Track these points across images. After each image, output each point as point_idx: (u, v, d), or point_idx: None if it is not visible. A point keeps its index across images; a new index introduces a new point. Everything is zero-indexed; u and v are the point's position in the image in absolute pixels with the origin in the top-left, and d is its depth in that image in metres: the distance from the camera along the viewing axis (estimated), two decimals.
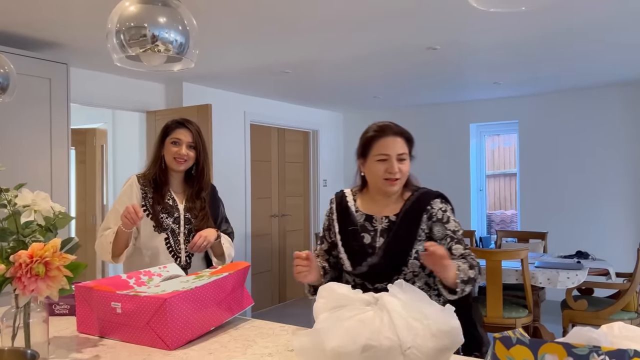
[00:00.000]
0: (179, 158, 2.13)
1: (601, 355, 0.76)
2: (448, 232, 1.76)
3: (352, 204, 1.87)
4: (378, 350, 1.16)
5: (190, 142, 2.15)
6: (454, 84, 5.04)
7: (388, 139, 1.77)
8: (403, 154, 1.76)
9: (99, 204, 5.63)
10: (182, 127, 2.16)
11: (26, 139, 3.18)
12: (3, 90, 1.58)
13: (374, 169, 1.78)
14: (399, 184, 1.78)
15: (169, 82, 4.77)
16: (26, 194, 1.32)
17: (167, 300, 1.40)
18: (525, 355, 0.80)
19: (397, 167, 1.74)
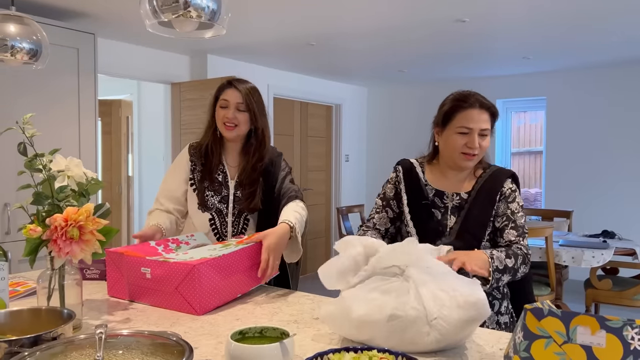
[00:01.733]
0: (228, 123, 1.86)
1: (635, 328, 0.75)
2: (508, 211, 1.67)
3: (421, 175, 1.76)
4: (404, 320, 1.16)
5: (240, 103, 1.87)
6: (481, 59, 4.93)
7: (473, 111, 1.63)
8: (486, 129, 1.64)
9: (124, 174, 5.72)
10: (229, 87, 1.91)
11: (55, 108, 3.22)
12: (35, 58, 1.59)
13: (452, 140, 1.65)
14: (475, 159, 1.67)
15: (193, 54, 4.76)
16: (60, 159, 1.34)
17: (195, 266, 1.43)
18: (556, 327, 0.79)
19: (477, 142, 1.62)
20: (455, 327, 1.17)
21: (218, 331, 1.32)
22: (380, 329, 1.18)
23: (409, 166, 1.79)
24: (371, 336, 1.20)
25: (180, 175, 1.96)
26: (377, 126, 6.91)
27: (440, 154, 1.74)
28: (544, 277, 3.68)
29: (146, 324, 1.37)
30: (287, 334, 1.11)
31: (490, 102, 1.68)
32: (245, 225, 1.95)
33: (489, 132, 1.66)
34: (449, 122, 1.67)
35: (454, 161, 1.68)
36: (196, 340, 1.25)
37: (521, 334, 0.84)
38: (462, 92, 1.70)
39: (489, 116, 1.66)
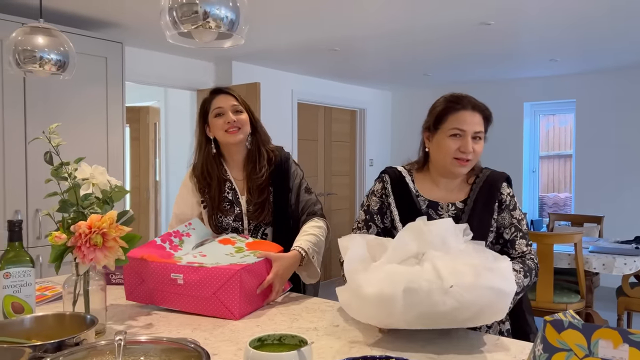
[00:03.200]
0: (230, 127, 1.77)
1: None
2: (514, 220, 1.59)
3: (411, 185, 1.63)
4: (420, 292, 1.14)
5: (236, 105, 1.80)
6: (507, 61, 4.86)
7: (466, 112, 1.54)
8: (479, 132, 1.54)
9: (152, 180, 5.82)
10: (219, 94, 1.82)
11: (84, 116, 3.31)
12: (63, 68, 1.64)
13: (444, 144, 1.54)
14: (469, 165, 1.56)
15: (218, 61, 4.83)
16: (85, 167, 1.37)
17: (238, 271, 1.46)
18: (577, 340, 0.77)
19: (471, 146, 1.52)
20: (474, 294, 1.13)
21: (238, 337, 1.33)
22: (395, 305, 1.16)
23: (397, 176, 1.64)
24: (389, 313, 1.18)
25: (191, 199, 1.90)
26: (401, 130, 6.87)
27: (431, 160, 1.63)
28: (574, 284, 3.59)
29: (167, 330, 1.39)
30: (306, 341, 1.11)
31: (484, 104, 1.60)
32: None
33: (482, 135, 1.57)
34: (441, 125, 1.56)
35: (446, 167, 1.57)
36: (216, 347, 1.26)
37: (541, 346, 0.82)
38: (454, 94, 1.61)
39: (482, 119, 1.57)
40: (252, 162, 1.85)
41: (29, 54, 1.56)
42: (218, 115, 1.79)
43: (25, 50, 1.56)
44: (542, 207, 6.37)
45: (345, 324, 1.43)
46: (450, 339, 1.29)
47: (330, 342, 1.29)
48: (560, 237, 3.46)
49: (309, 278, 1.82)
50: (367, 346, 1.26)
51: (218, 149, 1.88)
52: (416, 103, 6.71)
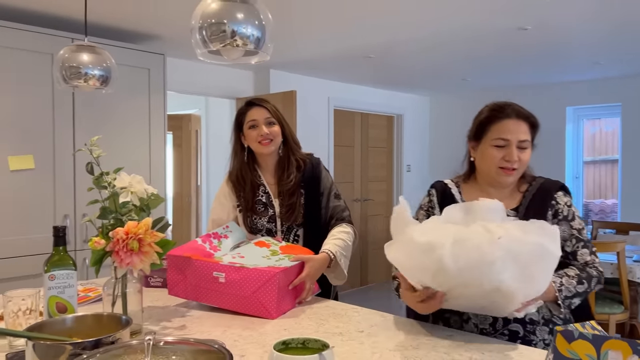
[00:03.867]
0: (263, 139, 1.90)
1: None
2: (574, 231, 1.54)
3: (458, 196, 1.63)
4: (467, 242, 1.20)
5: (269, 118, 1.92)
6: (548, 65, 4.77)
7: (509, 121, 1.52)
8: (525, 141, 1.52)
9: (194, 186, 5.99)
10: (253, 107, 1.95)
11: (128, 124, 3.46)
12: (105, 83, 1.75)
13: (488, 154, 1.54)
14: (515, 174, 1.54)
15: (257, 70, 4.94)
16: (124, 176, 1.46)
17: (277, 274, 1.56)
18: (587, 350, 0.78)
19: (516, 155, 1.50)
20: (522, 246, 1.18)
21: (265, 340, 1.38)
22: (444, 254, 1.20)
23: (443, 188, 1.68)
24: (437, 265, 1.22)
25: (228, 203, 2.02)
26: (440, 135, 6.81)
27: (478, 170, 1.63)
28: (617, 294, 3.48)
29: (199, 331, 1.46)
30: (327, 345, 1.15)
31: (529, 112, 1.57)
32: (296, 241, 1.99)
33: (529, 144, 1.54)
34: (484, 135, 1.57)
35: (492, 177, 1.57)
36: (244, 349, 1.32)
37: (552, 355, 0.83)
38: (498, 102, 1.60)
39: (528, 127, 1.54)
40: (282, 168, 1.98)
41: (75, 70, 1.68)
42: (252, 127, 1.93)
43: (72, 66, 1.68)
44: (587, 213, 6.18)
45: (370, 330, 1.46)
46: (473, 351, 1.31)
47: (353, 348, 1.32)
48: (602, 246, 3.37)
49: (336, 279, 1.92)
50: (389, 351, 1.29)
51: (252, 155, 2.01)
52: (455, 108, 6.65)
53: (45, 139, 3.06)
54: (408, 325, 1.51)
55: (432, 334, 1.42)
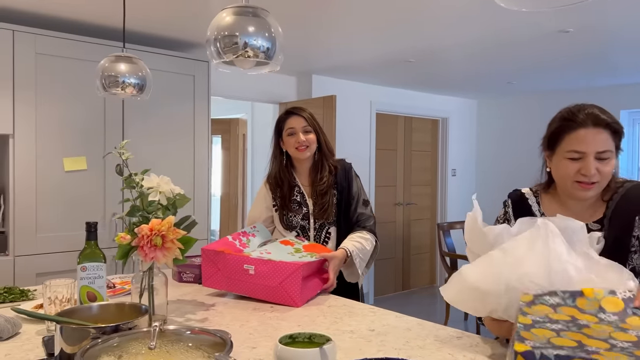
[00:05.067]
0: (300, 146, 2.10)
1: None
2: None
3: (536, 207, 1.51)
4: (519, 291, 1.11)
5: (305, 126, 2.11)
6: (597, 68, 4.60)
7: (585, 131, 1.34)
8: (605, 151, 1.33)
9: (241, 187, 6.18)
10: (292, 115, 2.14)
11: (174, 129, 3.65)
12: (141, 90, 1.89)
13: (562, 167, 1.40)
14: (596, 188, 1.37)
15: (300, 75, 5.05)
16: (153, 177, 1.57)
17: (301, 266, 1.73)
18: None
19: (594, 168, 1.33)
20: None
21: (279, 334, 1.44)
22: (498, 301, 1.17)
23: (520, 198, 1.55)
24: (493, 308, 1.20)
25: (262, 204, 2.22)
26: (487, 139, 6.69)
27: (555, 181, 1.48)
28: None
29: (218, 324, 1.55)
30: (331, 340, 1.20)
31: (609, 115, 1.37)
32: (327, 239, 2.16)
33: (611, 154, 1.35)
34: (557, 146, 1.41)
35: (568, 191, 1.42)
36: (257, 341, 1.40)
37: None
38: (572, 107, 1.42)
39: (610, 134, 1.35)
40: (316, 171, 2.18)
41: (113, 79, 1.83)
42: (290, 135, 2.13)
43: (110, 75, 1.83)
44: None
45: (382, 329, 1.51)
46: (478, 354, 1.32)
47: (359, 344, 1.37)
48: None
49: (350, 277, 2.10)
50: (394, 349, 1.33)
51: (289, 159, 2.21)
52: (502, 112, 6.51)
53: (97, 142, 3.28)
54: (420, 326, 1.54)
55: (442, 335, 1.45)
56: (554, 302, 1.04)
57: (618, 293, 1.04)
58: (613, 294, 1.04)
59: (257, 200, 2.27)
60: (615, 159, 1.37)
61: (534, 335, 0.89)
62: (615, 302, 1.02)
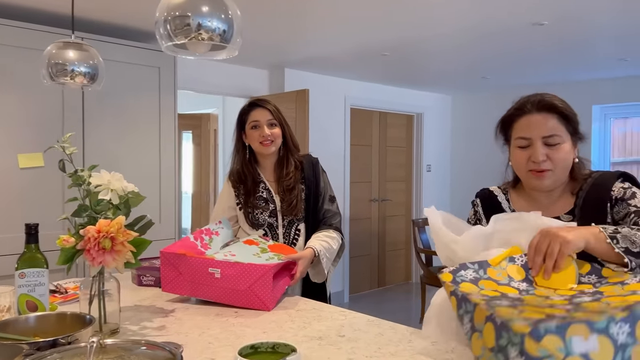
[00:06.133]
0: (265, 140, 1.99)
1: (618, 322, 0.76)
2: (632, 208, 1.27)
3: (506, 205, 1.48)
4: None
5: (270, 120, 2.00)
6: (571, 62, 4.60)
7: (530, 117, 1.33)
8: (553, 135, 1.30)
9: (212, 184, 6.03)
10: (256, 108, 2.01)
11: (138, 124, 3.49)
12: (93, 80, 1.74)
13: (514, 157, 1.38)
14: (549, 177, 1.34)
15: (272, 68, 4.92)
16: (103, 174, 1.44)
17: (271, 268, 1.64)
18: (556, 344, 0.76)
19: (543, 154, 1.30)
20: None
21: (242, 343, 1.33)
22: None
23: (488, 197, 1.51)
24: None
25: (225, 204, 2.10)
26: (462, 135, 6.67)
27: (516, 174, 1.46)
28: None
29: (177, 332, 1.43)
30: (296, 350, 1.10)
31: (559, 101, 1.34)
32: (297, 236, 2.07)
33: (560, 139, 1.31)
34: (509, 136, 1.41)
35: (526, 182, 1.40)
36: (216, 352, 1.28)
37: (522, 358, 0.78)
38: (523, 97, 1.41)
39: (559, 119, 1.32)
40: (281, 167, 2.08)
41: (61, 67, 1.68)
42: (254, 128, 2.01)
43: (58, 63, 1.68)
44: None
45: (352, 334, 1.41)
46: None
47: (329, 353, 1.27)
48: None
49: (316, 277, 2.00)
50: (365, 357, 1.24)
51: (252, 154, 2.10)
52: (477, 107, 6.50)
53: (55, 137, 3.09)
54: (393, 330, 1.45)
55: (416, 340, 1.36)
56: (472, 277, 1.06)
57: (516, 259, 1.10)
58: (512, 262, 1.10)
59: (219, 199, 2.16)
60: (568, 145, 1.34)
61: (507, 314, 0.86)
62: (518, 270, 1.09)
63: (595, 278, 1.04)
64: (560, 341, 0.75)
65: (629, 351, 0.76)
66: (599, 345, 0.75)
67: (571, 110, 1.35)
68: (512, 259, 1.10)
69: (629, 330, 0.76)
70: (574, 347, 0.75)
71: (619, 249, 1.10)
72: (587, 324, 0.76)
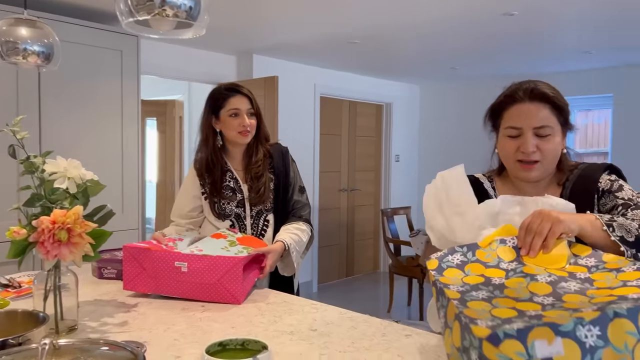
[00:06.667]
0: (244, 130, 1.89)
1: (585, 325, 0.74)
2: (619, 201, 1.25)
3: (492, 192, 1.43)
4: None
5: (250, 109, 1.91)
6: (537, 54, 4.65)
7: (521, 106, 1.29)
8: (544, 127, 1.27)
9: (177, 173, 5.88)
10: (236, 94, 1.91)
11: (99, 109, 3.33)
12: (47, 60, 1.63)
13: (502, 146, 1.35)
14: (538, 168, 1.30)
15: (240, 54, 4.80)
16: (59, 161, 1.35)
17: (241, 260, 1.57)
18: (515, 348, 0.72)
19: (533, 145, 1.27)
20: None
21: (208, 340, 1.27)
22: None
23: (474, 183, 1.44)
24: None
25: (189, 193, 2.02)
26: (430, 125, 6.70)
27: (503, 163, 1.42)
28: None
29: (139, 329, 1.35)
30: (267, 347, 1.05)
31: (552, 90, 1.30)
32: (265, 227, 2.00)
33: (552, 130, 1.27)
34: (498, 124, 1.37)
35: (513, 172, 1.37)
36: (183, 349, 1.22)
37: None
38: (516, 83, 1.35)
39: (551, 109, 1.28)
40: (249, 156, 1.99)
41: (12, 45, 1.56)
42: (234, 116, 1.90)
43: (8, 41, 1.55)
44: None
45: (324, 328, 1.37)
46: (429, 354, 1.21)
47: (300, 349, 1.22)
48: None
49: (285, 270, 1.93)
50: (338, 352, 1.19)
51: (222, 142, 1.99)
52: (446, 98, 6.53)
53: (8, 122, 2.93)
54: (367, 323, 1.41)
55: (390, 333, 1.32)
56: (459, 261, 1.03)
57: (507, 241, 1.07)
58: (504, 243, 1.07)
59: (183, 187, 2.06)
60: (559, 137, 1.30)
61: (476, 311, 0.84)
62: (508, 251, 1.06)
63: (593, 261, 0.99)
64: (521, 346, 0.73)
65: (600, 353, 0.73)
66: (565, 349, 0.73)
67: (563, 100, 1.31)
68: (504, 241, 1.06)
69: (599, 332, 0.74)
70: (537, 351, 0.73)
71: (615, 237, 1.07)
72: (551, 327, 0.74)
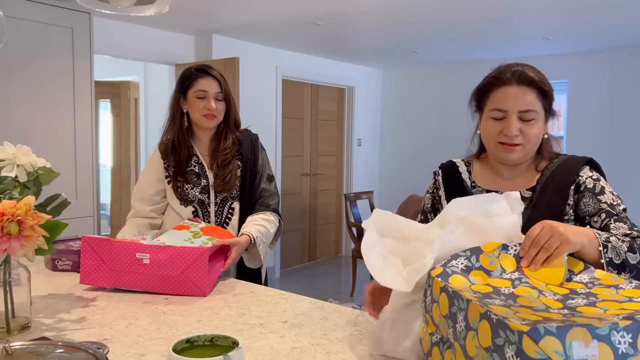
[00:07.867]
0: (209, 114, 1.84)
1: (620, 331, 0.73)
2: (603, 205, 1.27)
3: (466, 175, 1.44)
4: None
5: (219, 93, 1.86)
6: (498, 39, 4.70)
7: (508, 88, 1.29)
8: (529, 110, 1.27)
9: (133, 157, 5.68)
10: (205, 76, 1.85)
11: (48, 88, 3.15)
12: None
13: (486, 127, 1.34)
14: (519, 151, 1.30)
15: (198, 34, 4.64)
16: (7, 147, 1.24)
17: (206, 250, 1.51)
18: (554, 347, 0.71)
19: (516, 129, 1.27)
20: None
21: (174, 335, 1.22)
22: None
23: (450, 168, 1.47)
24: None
25: (152, 176, 1.94)
26: (392, 109, 6.71)
27: (484, 144, 1.41)
28: None
29: (100, 325, 1.28)
30: (238, 343, 1.00)
31: (539, 75, 1.30)
32: (230, 215, 1.93)
33: (536, 114, 1.28)
34: (484, 105, 1.36)
35: (494, 153, 1.36)
36: (147, 346, 1.15)
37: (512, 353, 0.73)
38: (503, 64, 1.35)
39: (537, 94, 1.28)
40: (217, 141, 1.93)
41: None
42: (200, 98, 1.85)
43: None
44: None
45: (295, 319, 1.33)
46: None
47: (271, 342, 1.18)
48: None
49: (250, 261, 1.88)
50: (311, 345, 1.16)
51: (189, 123, 1.94)
52: (407, 82, 6.54)
53: None
54: (338, 313, 1.38)
55: (362, 323, 1.30)
56: (464, 266, 0.99)
57: (510, 248, 1.04)
58: (506, 250, 1.04)
59: (146, 170, 1.97)
60: (541, 122, 1.31)
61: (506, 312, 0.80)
62: (509, 260, 1.03)
63: (587, 278, 0.99)
64: (559, 345, 0.71)
65: None
66: (599, 352, 0.72)
67: (549, 86, 1.31)
68: (506, 247, 1.03)
69: (631, 340, 0.73)
70: (574, 352, 0.71)
71: (606, 258, 1.09)
72: (588, 328, 0.72)
